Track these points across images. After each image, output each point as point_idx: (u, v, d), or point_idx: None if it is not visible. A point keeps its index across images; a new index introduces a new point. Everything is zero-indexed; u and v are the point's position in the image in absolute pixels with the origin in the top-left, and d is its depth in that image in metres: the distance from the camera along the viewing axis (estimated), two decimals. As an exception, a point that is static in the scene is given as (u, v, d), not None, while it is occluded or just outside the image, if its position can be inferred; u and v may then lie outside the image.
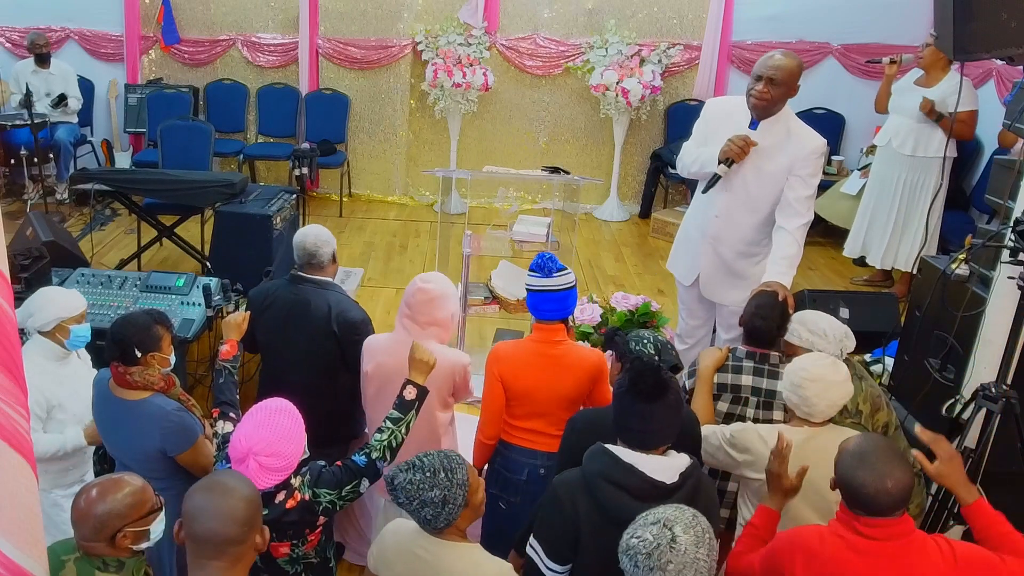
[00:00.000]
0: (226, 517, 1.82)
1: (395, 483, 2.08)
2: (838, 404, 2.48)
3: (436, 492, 2.04)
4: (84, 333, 2.91)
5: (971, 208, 6.07)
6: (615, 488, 2.07)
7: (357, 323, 3.15)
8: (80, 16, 7.33)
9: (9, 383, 1.71)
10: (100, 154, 7.26)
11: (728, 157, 3.28)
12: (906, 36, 6.43)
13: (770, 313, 2.87)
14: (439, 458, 2.10)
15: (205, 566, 1.84)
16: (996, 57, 2.79)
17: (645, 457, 2.09)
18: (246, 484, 1.94)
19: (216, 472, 2.02)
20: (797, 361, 2.56)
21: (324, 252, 3.21)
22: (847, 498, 2.02)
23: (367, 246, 6.55)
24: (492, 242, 4.39)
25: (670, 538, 1.76)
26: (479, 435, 2.91)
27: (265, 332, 3.24)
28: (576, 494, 2.12)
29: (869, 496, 1.95)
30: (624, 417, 2.13)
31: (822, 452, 2.42)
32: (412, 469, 2.08)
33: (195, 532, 1.83)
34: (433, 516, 2.06)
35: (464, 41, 7.05)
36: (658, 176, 7.30)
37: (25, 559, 1.75)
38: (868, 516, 1.99)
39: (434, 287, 2.88)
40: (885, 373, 4.17)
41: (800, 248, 3.30)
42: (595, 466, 2.12)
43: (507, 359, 2.83)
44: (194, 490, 1.89)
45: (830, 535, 2.05)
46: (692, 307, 3.79)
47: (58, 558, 1.99)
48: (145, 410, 2.59)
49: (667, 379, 2.12)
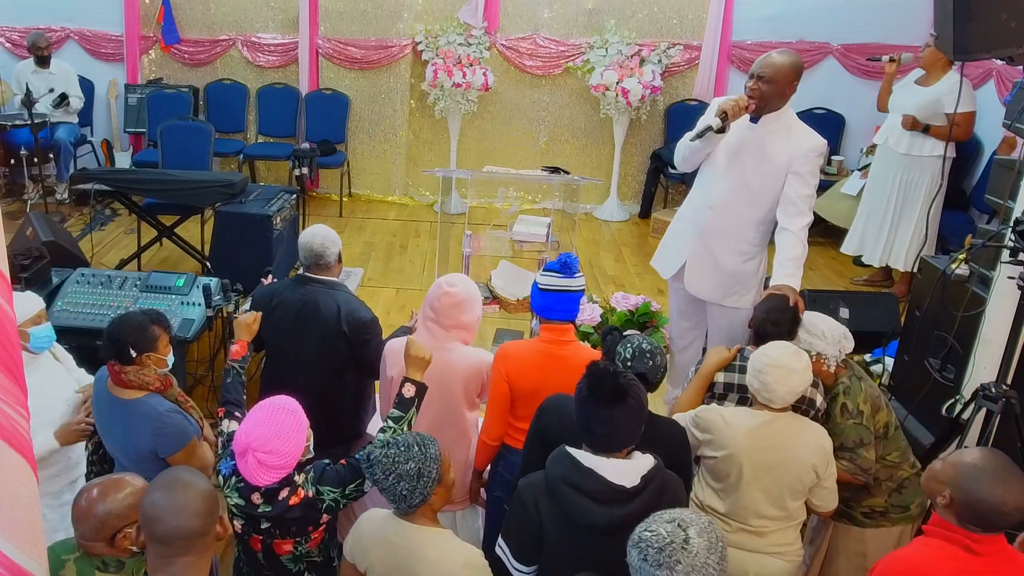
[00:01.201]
0: (190, 512, 1.84)
1: (371, 458, 2.15)
2: (797, 391, 2.56)
3: (411, 465, 2.10)
4: (44, 333, 2.81)
5: (971, 208, 6.06)
6: (576, 492, 2.08)
7: (367, 323, 3.15)
8: (80, 16, 7.33)
9: (9, 383, 1.71)
10: (100, 154, 7.26)
11: (724, 111, 3.26)
12: (906, 36, 6.43)
13: (781, 318, 2.88)
14: (412, 435, 2.18)
15: (173, 563, 1.85)
16: (996, 57, 2.79)
17: (606, 461, 2.09)
18: (200, 477, 1.95)
19: (168, 470, 2.03)
20: (762, 349, 2.64)
21: (331, 252, 3.20)
22: (970, 515, 1.96)
23: (367, 246, 6.55)
24: (492, 242, 4.39)
25: (683, 538, 1.76)
26: (482, 436, 2.91)
27: (272, 333, 3.21)
28: (539, 497, 2.14)
29: (1007, 515, 1.92)
30: (586, 422, 2.13)
31: (779, 436, 2.55)
32: (387, 445, 2.15)
33: (160, 532, 1.84)
34: (409, 491, 2.10)
35: (464, 41, 7.05)
36: (658, 176, 7.30)
37: (25, 559, 1.75)
38: (984, 533, 1.95)
39: (459, 291, 2.86)
40: (885, 373, 4.17)
41: (805, 248, 3.29)
42: (557, 470, 2.13)
43: (515, 358, 2.82)
44: (151, 490, 1.90)
45: (941, 558, 1.99)
46: (683, 308, 3.75)
47: (58, 558, 2.00)
48: (139, 410, 2.58)
49: (625, 384, 2.11)
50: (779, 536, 2.59)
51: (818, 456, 2.55)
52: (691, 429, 2.63)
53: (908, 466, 2.87)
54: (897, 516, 2.85)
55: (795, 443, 2.55)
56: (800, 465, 2.54)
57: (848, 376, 2.84)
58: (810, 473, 2.55)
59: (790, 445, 2.54)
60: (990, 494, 1.92)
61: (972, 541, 1.96)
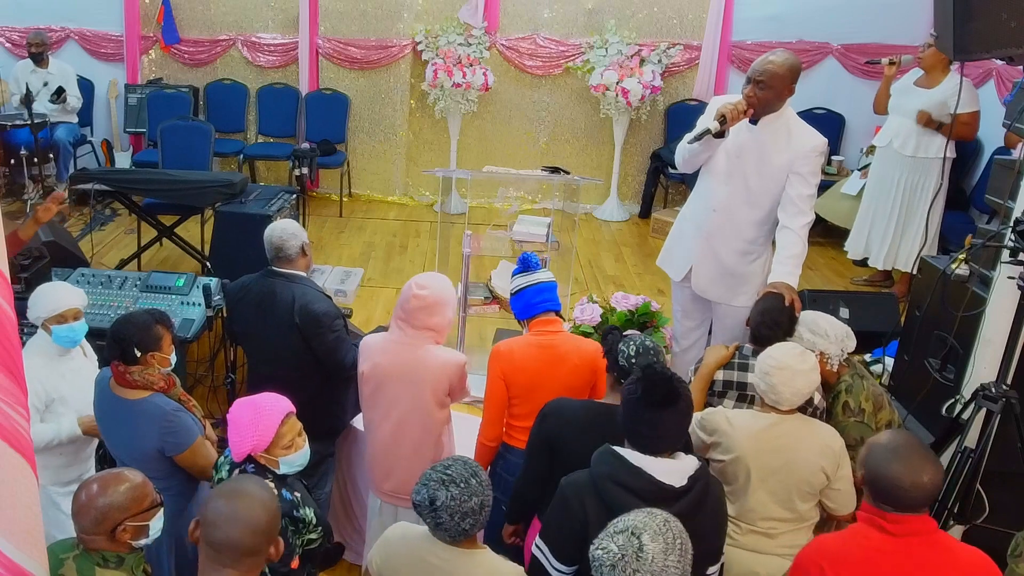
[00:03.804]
0: (246, 526, 1.81)
1: (437, 504, 2.03)
2: (803, 393, 2.54)
3: (475, 500, 2.04)
4: (65, 334, 2.84)
5: (971, 208, 6.06)
6: (623, 490, 2.06)
7: (319, 315, 3.14)
8: (80, 16, 7.32)
9: (9, 383, 1.71)
10: (100, 154, 7.26)
11: (723, 114, 3.27)
12: (906, 36, 6.43)
13: (778, 318, 2.89)
14: (462, 466, 2.09)
15: (220, 572, 1.83)
16: (996, 57, 2.79)
17: (654, 460, 2.08)
18: (268, 492, 1.92)
19: (240, 477, 2.01)
20: (768, 350, 2.62)
21: (291, 245, 3.21)
22: (876, 493, 2.02)
23: (367, 246, 6.55)
24: (492, 242, 4.39)
25: (637, 547, 1.74)
26: (480, 437, 2.91)
27: (240, 323, 3.32)
28: (584, 495, 2.11)
29: (903, 490, 1.96)
30: (634, 423, 2.12)
31: (786, 438, 2.53)
32: (445, 484, 2.04)
33: (214, 538, 1.83)
34: (471, 525, 2.05)
35: (464, 41, 7.05)
36: (658, 176, 7.29)
37: (25, 559, 1.75)
38: (897, 512, 1.99)
39: (429, 294, 2.84)
40: (885, 373, 4.17)
41: (805, 247, 3.30)
42: (603, 468, 2.11)
43: (508, 355, 2.83)
44: (216, 494, 1.89)
45: (853, 538, 2.04)
46: (687, 307, 3.77)
47: (57, 557, 2.00)
48: (144, 409, 2.59)
49: (679, 388, 2.11)
50: (790, 538, 2.56)
51: (825, 457, 2.53)
52: (697, 431, 2.62)
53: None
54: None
55: (801, 445, 2.53)
56: (807, 467, 2.52)
57: (850, 374, 2.85)
58: (818, 475, 2.52)
59: (795, 447, 2.53)
60: (887, 470, 1.98)
61: (886, 521, 1.99)
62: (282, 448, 2.27)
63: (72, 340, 2.88)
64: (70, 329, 2.85)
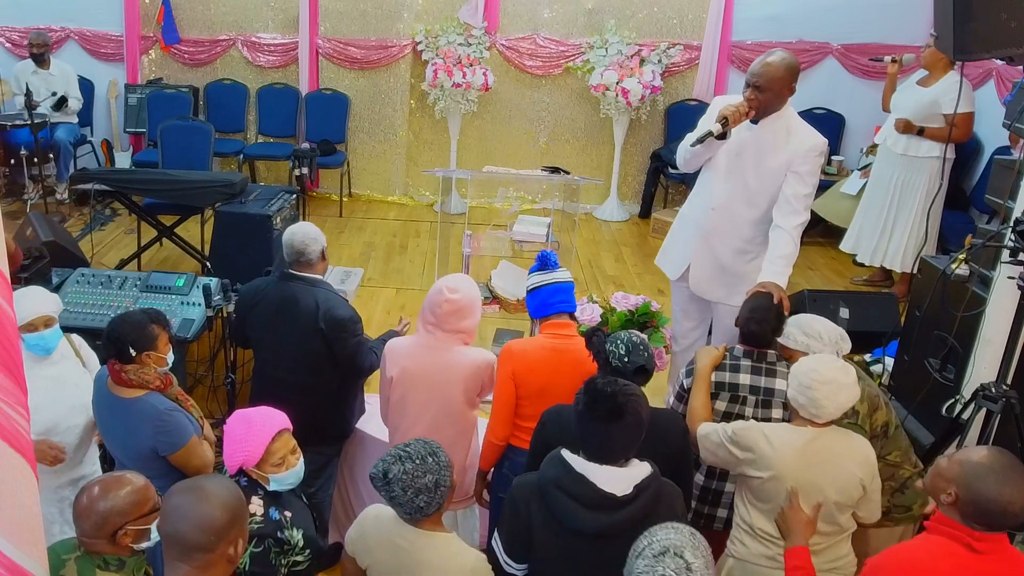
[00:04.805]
0: (195, 522, 1.79)
1: (389, 476, 2.10)
2: (845, 406, 2.47)
3: (429, 478, 2.09)
4: (35, 342, 2.73)
5: (971, 208, 6.06)
6: (566, 496, 2.08)
7: (344, 321, 3.13)
8: (80, 16, 7.33)
9: (9, 383, 1.71)
10: (100, 154, 7.26)
11: (725, 116, 3.26)
12: (906, 36, 6.44)
13: (766, 316, 2.86)
14: (421, 445, 2.16)
15: (175, 566, 1.83)
16: (996, 57, 2.80)
17: (598, 468, 2.08)
18: (229, 492, 1.88)
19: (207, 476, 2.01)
20: (806, 362, 2.52)
21: (312, 249, 3.18)
22: (972, 513, 1.96)
23: (367, 246, 6.55)
24: (492, 242, 4.39)
25: (685, 567, 1.73)
26: (489, 435, 2.89)
27: (254, 329, 3.25)
28: (530, 498, 2.15)
29: (1013, 514, 1.92)
30: (583, 434, 2.13)
31: (826, 452, 2.45)
32: (400, 460, 2.11)
33: (164, 531, 1.83)
34: (426, 503, 2.10)
35: (464, 41, 7.05)
36: (658, 176, 7.29)
37: (25, 559, 1.75)
38: (988, 531, 1.95)
39: (461, 297, 2.83)
40: (885, 373, 4.17)
41: (796, 248, 3.30)
42: (550, 473, 2.13)
43: (520, 356, 2.80)
44: (175, 489, 1.89)
45: (943, 555, 1.98)
46: (686, 307, 3.76)
47: (58, 557, 2.00)
48: (138, 408, 2.59)
49: (624, 402, 2.07)
50: (833, 551, 2.50)
51: (864, 469, 2.47)
52: (728, 447, 2.52)
53: (910, 466, 2.86)
54: (899, 516, 2.84)
55: (841, 458, 2.46)
56: (849, 480, 2.45)
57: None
58: (858, 488, 2.46)
59: (837, 460, 2.45)
60: (998, 493, 1.92)
61: (974, 539, 1.95)
62: (272, 465, 2.26)
63: (44, 348, 2.78)
64: (40, 337, 2.75)
